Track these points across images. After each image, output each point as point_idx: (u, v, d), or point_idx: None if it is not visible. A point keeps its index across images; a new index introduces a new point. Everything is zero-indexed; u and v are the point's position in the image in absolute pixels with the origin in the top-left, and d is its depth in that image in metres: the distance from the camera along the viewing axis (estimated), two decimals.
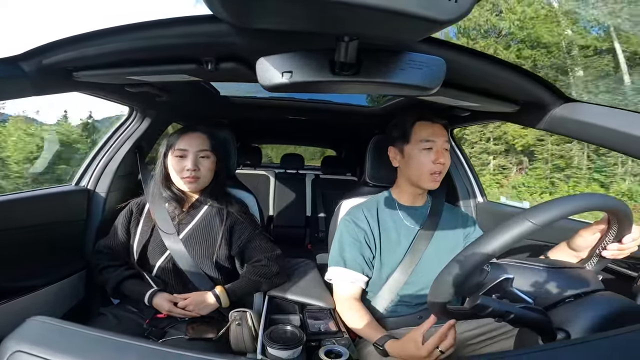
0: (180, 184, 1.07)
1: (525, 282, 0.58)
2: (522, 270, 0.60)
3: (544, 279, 0.58)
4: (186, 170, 1.04)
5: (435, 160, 0.96)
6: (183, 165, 1.05)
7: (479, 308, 0.51)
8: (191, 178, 1.05)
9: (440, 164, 0.97)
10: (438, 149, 0.98)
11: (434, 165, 0.97)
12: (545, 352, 0.42)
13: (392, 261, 1.00)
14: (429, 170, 0.97)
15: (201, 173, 1.07)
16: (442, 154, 0.98)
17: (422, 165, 0.98)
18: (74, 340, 0.40)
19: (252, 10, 0.41)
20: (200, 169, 1.07)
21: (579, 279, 0.59)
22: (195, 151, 1.06)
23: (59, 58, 0.70)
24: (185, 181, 1.06)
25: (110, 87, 0.99)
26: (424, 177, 0.98)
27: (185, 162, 1.05)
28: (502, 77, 0.74)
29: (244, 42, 0.61)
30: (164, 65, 0.73)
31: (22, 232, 0.99)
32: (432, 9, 0.36)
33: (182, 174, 1.05)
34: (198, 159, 1.07)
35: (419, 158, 0.98)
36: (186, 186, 1.07)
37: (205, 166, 1.08)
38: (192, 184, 1.06)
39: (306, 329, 0.87)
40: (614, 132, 0.72)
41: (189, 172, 1.04)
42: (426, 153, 0.98)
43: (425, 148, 0.98)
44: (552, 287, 0.57)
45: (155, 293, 0.99)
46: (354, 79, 0.54)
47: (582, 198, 0.57)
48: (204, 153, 1.08)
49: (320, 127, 2.56)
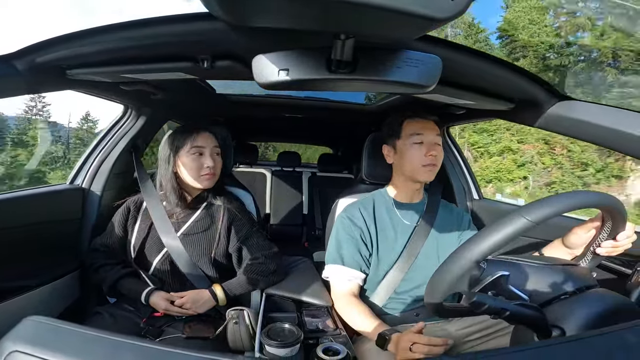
0: (197, 182, 1.07)
1: (520, 280, 0.59)
2: (517, 267, 0.60)
3: (539, 276, 0.59)
4: (206, 167, 1.06)
5: (426, 154, 0.98)
6: (201, 162, 1.06)
7: (475, 305, 0.51)
8: (210, 175, 1.07)
9: (432, 156, 0.98)
10: (428, 143, 0.99)
11: (425, 158, 0.98)
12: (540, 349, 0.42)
13: (389, 258, 1.01)
14: (421, 163, 0.98)
15: (216, 169, 1.09)
16: (433, 148, 0.99)
17: (414, 158, 0.99)
18: (71, 340, 0.40)
19: (248, 8, 0.41)
20: (216, 166, 1.09)
21: (574, 276, 0.60)
22: (211, 148, 1.09)
23: (53, 56, 0.69)
24: (204, 178, 1.07)
25: (105, 85, 0.98)
26: (417, 169, 0.99)
27: (204, 159, 1.06)
28: (498, 75, 0.75)
29: (240, 40, 0.61)
30: (159, 63, 0.72)
31: (17, 231, 0.98)
32: (429, 6, 0.36)
33: (201, 171, 1.06)
34: (215, 156, 1.09)
35: (410, 152, 1.00)
36: (203, 183, 1.08)
37: (219, 163, 1.11)
38: (209, 180, 1.08)
39: (304, 327, 0.88)
40: (609, 130, 0.72)
41: (209, 169, 1.06)
42: (417, 147, 0.99)
43: (416, 142, 0.99)
44: (547, 284, 0.58)
45: (152, 291, 0.99)
46: (351, 77, 0.54)
47: (576, 195, 0.58)
48: (217, 150, 1.11)
49: (316, 125, 2.55)
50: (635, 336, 0.43)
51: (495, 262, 0.60)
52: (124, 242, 1.09)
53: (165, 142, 1.09)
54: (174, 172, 1.08)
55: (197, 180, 1.07)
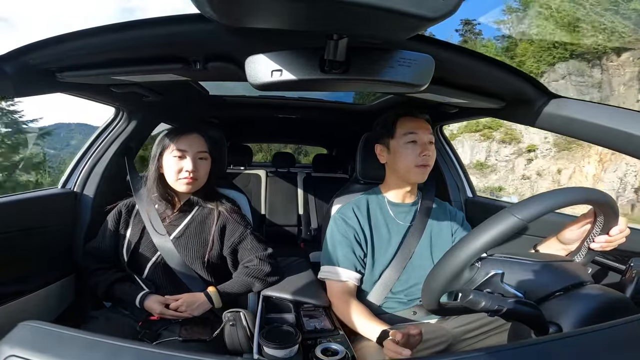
0: (176, 185, 1.05)
1: (515, 277, 0.59)
2: (512, 265, 0.60)
3: (534, 273, 0.59)
4: (185, 171, 1.03)
5: (420, 153, 0.98)
6: (181, 166, 1.04)
7: (471, 303, 0.51)
8: (189, 179, 1.04)
9: (427, 156, 0.98)
10: (422, 141, 0.99)
11: (419, 158, 0.98)
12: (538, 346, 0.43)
13: (384, 258, 1.01)
14: (414, 163, 0.98)
15: (199, 175, 1.06)
16: (426, 147, 0.99)
17: (408, 158, 0.99)
18: (69, 345, 0.39)
19: (240, 9, 0.41)
20: (198, 171, 1.06)
21: (568, 272, 0.60)
22: (194, 152, 1.05)
23: (42, 59, 0.68)
24: (182, 182, 1.04)
25: (95, 88, 0.97)
26: (410, 170, 0.99)
27: (184, 162, 1.04)
28: (489, 73, 0.76)
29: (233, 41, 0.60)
30: (150, 65, 0.72)
31: (9, 236, 0.96)
32: (421, 6, 0.36)
33: (180, 174, 1.03)
34: (197, 161, 1.06)
35: (404, 151, 0.99)
36: (183, 187, 1.05)
37: (203, 168, 1.08)
38: (189, 185, 1.05)
39: (302, 328, 0.87)
40: (598, 127, 0.73)
41: (188, 173, 1.03)
42: (411, 146, 0.99)
43: (410, 141, 0.99)
44: (542, 281, 0.58)
45: (146, 295, 0.98)
46: (344, 77, 0.54)
47: (566, 192, 0.58)
48: (203, 155, 1.08)
49: (311, 125, 2.56)
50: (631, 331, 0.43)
51: (490, 260, 0.60)
52: (116, 246, 1.08)
53: (156, 141, 1.09)
54: (160, 172, 1.07)
55: (175, 183, 1.05)
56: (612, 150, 0.76)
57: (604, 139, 0.74)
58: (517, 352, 0.41)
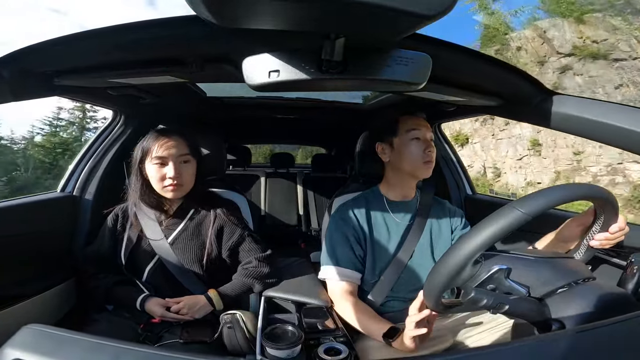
0: (162, 192, 1.03)
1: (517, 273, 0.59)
2: (514, 261, 0.60)
3: (536, 270, 0.59)
4: (168, 178, 0.99)
5: (425, 149, 1.00)
6: (163, 173, 0.99)
7: (474, 301, 0.51)
8: (173, 186, 1.00)
9: (430, 152, 1.00)
10: (425, 138, 1.01)
11: (425, 154, 1.00)
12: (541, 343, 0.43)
13: (384, 257, 1.01)
14: (422, 159, 1.00)
15: (183, 180, 1.02)
16: (430, 143, 1.01)
17: (414, 154, 1.00)
18: (71, 347, 0.40)
19: (236, 10, 0.40)
20: (182, 176, 1.02)
21: (570, 269, 0.60)
22: (175, 158, 1.00)
23: (39, 62, 0.68)
24: (167, 190, 1.01)
25: (93, 91, 0.96)
26: (418, 166, 1.01)
27: (166, 170, 0.99)
28: (486, 71, 0.76)
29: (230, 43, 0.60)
30: (147, 67, 0.71)
31: (9, 240, 0.96)
32: (417, 4, 0.36)
33: (164, 182, 1.00)
34: (179, 165, 1.01)
35: (410, 148, 1.01)
36: (169, 194, 1.02)
37: (187, 172, 1.03)
38: (174, 191, 1.01)
39: (304, 328, 0.87)
40: (596, 124, 0.73)
41: (171, 180, 0.99)
42: (416, 143, 1.00)
43: (414, 138, 1.01)
44: (544, 277, 0.58)
45: (146, 298, 0.98)
46: (341, 77, 0.54)
47: (568, 188, 0.58)
48: (185, 158, 1.03)
49: (309, 125, 2.55)
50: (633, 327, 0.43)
51: (493, 257, 0.60)
52: (114, 250, 1.07)
53: (136, 147, 1.04)
54: (146, 179, 1.03)
55: (161, 191, 1.02)
56: (610, 146, 0.76)
57: (601, 135, 0.74)
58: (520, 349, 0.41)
